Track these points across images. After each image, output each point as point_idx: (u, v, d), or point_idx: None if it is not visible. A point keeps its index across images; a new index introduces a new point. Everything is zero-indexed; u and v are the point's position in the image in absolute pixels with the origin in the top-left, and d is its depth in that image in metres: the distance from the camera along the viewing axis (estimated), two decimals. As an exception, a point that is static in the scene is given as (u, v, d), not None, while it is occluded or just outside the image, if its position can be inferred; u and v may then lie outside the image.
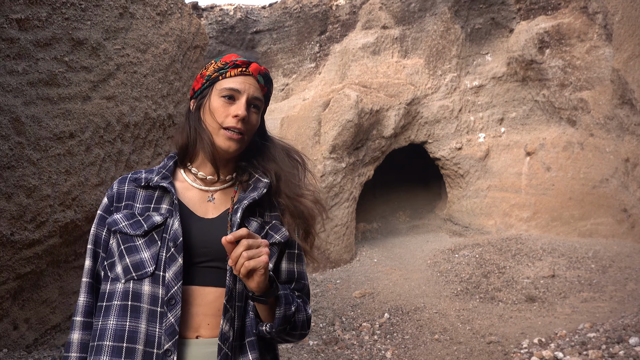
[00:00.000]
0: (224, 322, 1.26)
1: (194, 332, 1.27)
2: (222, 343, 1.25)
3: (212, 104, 1.37)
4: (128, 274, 1.27)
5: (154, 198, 1.37)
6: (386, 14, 10.57)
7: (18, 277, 3.87)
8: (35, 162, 3.78)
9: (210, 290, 1.29)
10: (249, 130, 1.39)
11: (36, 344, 4.17)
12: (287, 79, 11.55)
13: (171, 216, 1.31)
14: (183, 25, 5.40)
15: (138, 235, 1.29)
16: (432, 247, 9.23)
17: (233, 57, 1.39)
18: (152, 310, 1.24)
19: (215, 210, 1.38)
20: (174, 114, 5.28)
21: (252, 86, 1.38)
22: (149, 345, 1.22)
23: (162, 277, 1.26)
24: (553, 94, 9.26)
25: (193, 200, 1.39)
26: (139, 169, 1.48)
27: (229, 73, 1.38)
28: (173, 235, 1.28)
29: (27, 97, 3.70)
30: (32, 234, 3.84)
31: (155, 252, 1.28)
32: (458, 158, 10.19)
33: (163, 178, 1.39)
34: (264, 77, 1.41)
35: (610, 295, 6.14)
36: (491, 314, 6.04)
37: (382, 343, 5.55)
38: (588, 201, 8.49)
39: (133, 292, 1.25)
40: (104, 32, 4.32)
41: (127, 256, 1.28)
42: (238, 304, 1.31)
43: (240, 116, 1.33)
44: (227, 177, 1.44)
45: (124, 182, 1.42)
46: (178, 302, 1.23)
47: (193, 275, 1.28)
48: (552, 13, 9.31)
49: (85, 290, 1.37)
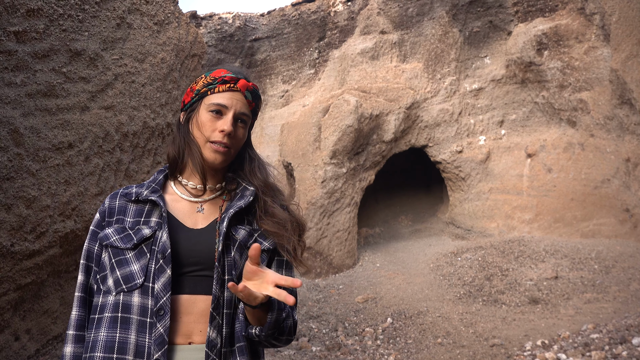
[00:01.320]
0: (211, 329, 1.29)
1: (187, 338, 1.29)
2: (210, 350, 1.28)
3: (200, 118, 1.41)
4: (118, 286, 1.29)
5: (144, 212, 1.40)
6: (384, 19, 10.61)
7: (19, 288, 3.88)
8: (35, 172, 3.80)
9: (201, 298, 1.32)
10: (235, 144, 1.42)
11: (38, 355, 4.17)
12: (287, 85, 11.59)
13: (160, 228, 1.34)
14: (180, 34, 5.43)
15: (128, 249, 1.32)
16: (434, 251, 9.21)
17: (222, 73, 1.43)
18: (142, 321, 1.26)
19: (204, 220, 1.41)
20: (172, 122, 5.30)
21: (240, 102, 1.41)
22: (139, 355, 1.24)
23: (151, 289, 1.28)
24: (552, 95, 9.26)
25: (182, 211, 1.41)
26: (131, 184, 1.52)
27: (217, 89, 1.41)
28: (161, 247, 1.31)
29: (25, 108, 3.72)
30: (32, 245, 3.85)
31: (145, 264, 1.30)
32: (459, 161, 10.19)
33: (152, 192, 1.41)
34: (251, 93, 1.45)
35: (614, 295, 6.11)
36: (494, 316, 6.02)
37: (385, 348, 5.53)
38: (590, 202, 8.47)
39: (123, 303, 1.28)
40: (102, 43, 4.35)
41: (117, 269, 1.31)
42: (226, 311, 1.33)
43: (227, 131, 1.37)
44: (217, 186, 1.47)
45: (115, 197, 1.45)
46: (167, 312, 1.26)
47: (183, 284, 1.31)
48: (549, 15, 9.32)
49: (78, 304, 1.40)
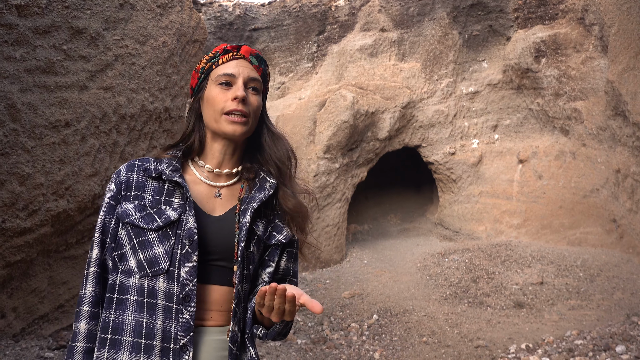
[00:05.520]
0: (233, 325, 1.29)
1: (197, 323, 1.29)
2: (232, 344, 1.28)
3: (210, 94, 1.36)
4: (142, 269, 1.26)
5: (165, 190, 1.35)
6: (385, 16, 10.60)
7: (7, 265, 3.83)
8: (30, 149, 3.75)
9: (215, 288, 1.31)
10: (252, 112, 1.37)
11: (23, 333, 4.13)
12: (284, 77, 11.54)
13: (184, 212, 1.30)
14: (183, 18, 5.38)
15: (151, 229, 1.28)
16: (422, 251, 9.26)
17: (223, 46, 1.40)
18: (168, 307, 1.24)
19: (222, 207, 1.38)
20: (170, 107, 5.26)
21: (246, 68, 1.38)
22: (166, 341, 1.23)
23: (176, 274, 1.25)
24: (547, 103, 9.33)
25: (201, 195, 1.37)
26: (146, 157, 1.43)
27: (221, 60, 1.38)
28: (188, 233, 1.27)
29: (23, 84, 3.67)
30: (24, 222, 3.81)
31: (169, 249, 1.27)
32: (451, 163, 10.24)
33: (174, 171, 1.36)
34: (256, 58, 1.41)
35: (598, 303, 6.20)
36: (479, 318, 6.07)
37: (370, 344, 5.55)
38: (578, 210, 8.57)
39: (148, 288, 1.25)
40: (104, 22, 4.29)
41: (140, 251, 1.27)
42: (244, 305, 1.35)
43: (240, 97, 1.32)
44: (234, 171, 1.43)
45: (133, 170, 1.38)
46: (193, 299, 1.25)
47: (199, 272, 1.29)
48: (549, 23, 9.38)
49: (93, 280, 1.32)
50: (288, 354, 5.13)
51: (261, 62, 1.42)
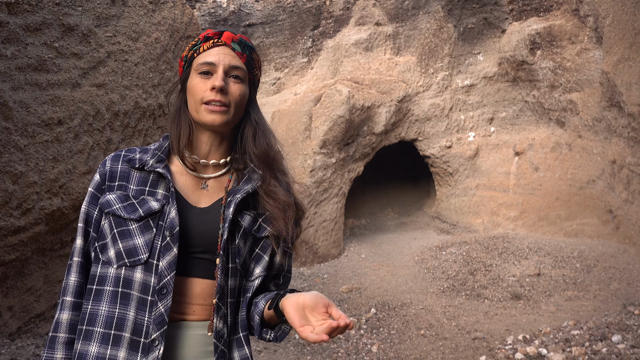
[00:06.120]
0: (217, 320, 1.25)
1: (179, 317, 1.26)
2: (218, 340, 1.25)
3: (191, 83, 1.33)
4: (120, 259, 1.23)
5: (149, 181, 1.32)
6: (380, 10, 10.57)
7: (2, 264, 3.82)
8: (23, 148, 3.74)
9: (198, 281, 1.27)
10: (234, 101, 1.33)
11: (19, 332, 4.13)
12: (279, 73, 11.51)
13: (167, 203, 1.27)
14: (176, 14, 5.36)
15: (132, 220, 1.25)
16: (419, 244, 9.27)
17: (205, 32, 1.36)
18: (142, 299, 1.21)
19: (208, 198, 1.34)
20: (164, 103, 5.24)
21: (228, 55, 1.33)
22: (136, 333, 1.19)
23: (155, 266, 1.22)
24: (543, 95, 9.33)
25: (186, 186, 1.34)
26: (133, 147, 1.40)
27: (202, 48, 1.34)
28: (170, 224, 1.24)
29: (15, 82, 3.65)
30: (18, 221, 3.80)
31: (150, 240, 1.24)
32: (448, 156, 10.24)
33: (158, 161, 1.33)
34: (239, 44, 1.36)
35: (594, 294, 6.22)
36: (477, 310, 6.09)
37: (368, 337, 5.57)
38: (574, 202, 8.58)
39: (124, 278, 1.22)
40: (95, 19, 4.27)
41: (120, 241, 1.24)
42: (230, 300, 1.30)
43: (218, 87, 1.28)
44: (222, 162, 1.40)
45: (117, 160, 1.35)
46: (169, 292, 1.21)
47: (181, 264, 1.26)
48: (544, 15, 9.37)
49: (77, 270, 1.30)
50: (286, 349, 5.14)
51: (245, 49, 1.37)
